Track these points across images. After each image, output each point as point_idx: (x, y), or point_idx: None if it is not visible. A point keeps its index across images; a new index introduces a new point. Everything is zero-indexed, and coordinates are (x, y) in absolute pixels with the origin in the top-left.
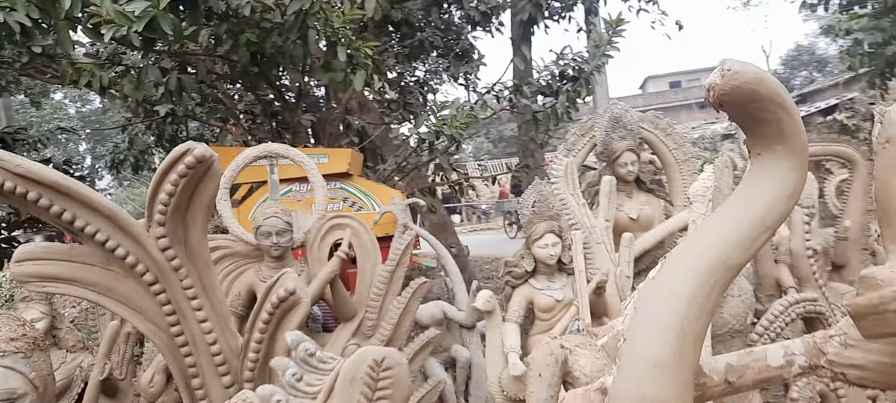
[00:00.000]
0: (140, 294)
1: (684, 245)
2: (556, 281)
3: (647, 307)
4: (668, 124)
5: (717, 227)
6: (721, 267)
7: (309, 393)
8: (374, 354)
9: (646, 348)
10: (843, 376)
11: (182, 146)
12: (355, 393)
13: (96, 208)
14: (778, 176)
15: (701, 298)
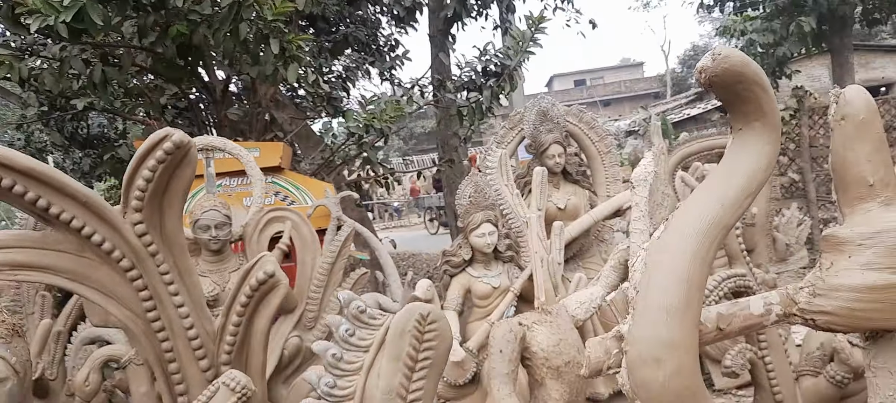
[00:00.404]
0: (116, 280)
1: (685, 209)
2: (493, 269)
3: (657, 262)
4: (592, 118)
5: (711, 193)
6: (716, 226)
7: (361, 347)
8: (420, 309)
9: (658, 296)
10: (812, 321)
11: (160, 131)
12: (405, 345)
13: (71, 194)
14: (757, 147)
15: (702, 253)
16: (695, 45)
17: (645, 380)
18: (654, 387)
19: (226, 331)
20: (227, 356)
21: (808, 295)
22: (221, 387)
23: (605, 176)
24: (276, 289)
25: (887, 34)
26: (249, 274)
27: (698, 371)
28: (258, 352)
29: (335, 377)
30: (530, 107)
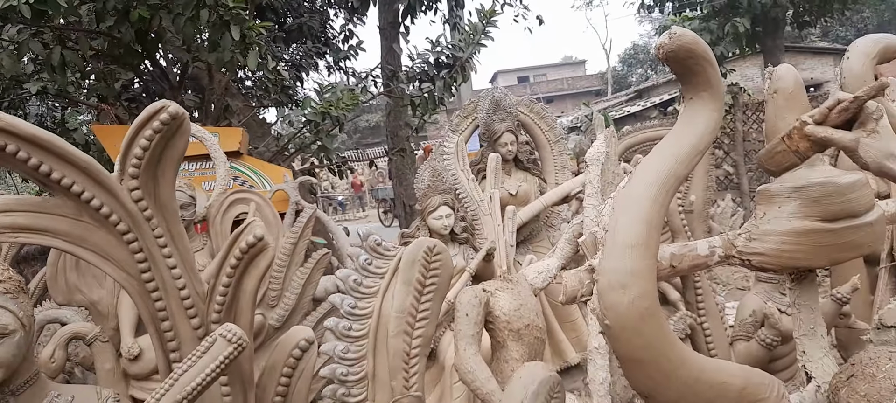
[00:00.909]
0: (112, 243)
1: (646, 163)
2: (451, 249)
3: (623, 207)
4: (542, 108)
5: (666, 150)
6: (671, 177)
7: (378, 274)
8: (427, 243)
9: (624, 235)
10: (748, 262)
11: (156, 104)
12: (415, 272)
13: (72, 161)
14: (705, 113)
15: (660, 199)
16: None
17: (613, 303)
18: (620, 308)
19: (215, 291)
20: (217, 314)
21: (744, 239)
22: (219, 339)
23: (554, 164)
24: (264, 252)
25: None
26: (239, 238)
27: (656, 297)
28: (246, 312)
29: (356, 299)
30: (484, 96)
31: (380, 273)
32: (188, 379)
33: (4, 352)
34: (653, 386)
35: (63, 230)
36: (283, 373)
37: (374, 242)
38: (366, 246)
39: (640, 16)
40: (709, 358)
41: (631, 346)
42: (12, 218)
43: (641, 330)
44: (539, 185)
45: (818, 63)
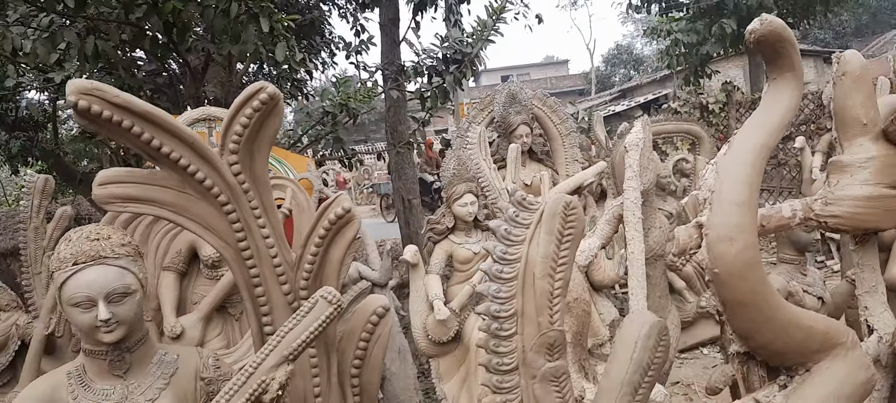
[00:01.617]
0: (212, 214)
1: (743, 134)
2: (473, 236)
3: (727, 171)
4: (555, 102)
5: (759, 124)
6: (765, 147)
7: (524, 224)
8: (565, 198)
9: (730, 194)
10: (825, 223)
11: (255, 85)
12: (555, 224)
13: (179, 136)
14: (788, 92)
15: (758, 164)
16: (618, 45)
17: (722, 253)
18: (729, 258)
19: (304, 260)
20: (305, 282)
21: (821, 204)
22: (320, 300)
23: (565, 156)
24: (351, 224)
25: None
26: (328, 209)
27: (758, 248)
28: (332, 280)
29: (506, 246)
30: (500, 89)
31: (525, 223)
32: (293, 337)
33: (127, 310)
34: (753, 328)
35: (168, 201)
36: (361, 338)
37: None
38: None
39: (623, 16)
40: (796, 307)
41: (737, 291)
42: (124, 189)
43: (747, 276)
44: (552, 176)
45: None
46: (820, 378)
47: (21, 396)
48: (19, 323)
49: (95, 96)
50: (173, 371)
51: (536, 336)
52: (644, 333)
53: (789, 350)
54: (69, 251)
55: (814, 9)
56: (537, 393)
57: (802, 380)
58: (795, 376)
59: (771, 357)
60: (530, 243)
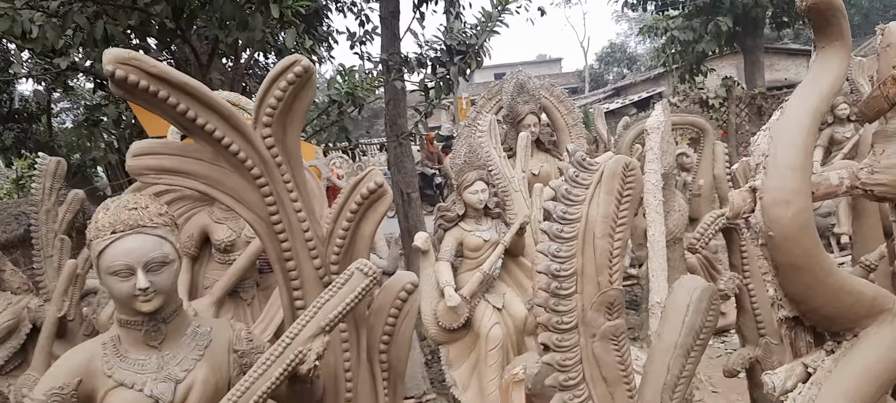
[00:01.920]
0: (245, 187)
1: (795, 101)
2: (483, 224)
3: (781, 136)
4: (562, 92)
5: (810, 91)
6: (817, 112)
7: (584, 185)
8: (625, 159)
9: (784, 158)
10: (871, 192)
11: (289, 58)
12: (615, 183)
13: (215, 108)
14: (837, 59)
15: (812, 129)
16: (612, 43)
17: (777, 216)
18: (784, 221)
19: (335, 235)
20: (336, 256)
21: (867, 173)
22: (356, 272)
23: None
24: (382, 198)
25: (789, 40)
26: (360, 184)
27: (812, 211)
28: (362, 254)
29: (566, 205)
30: (509, 79)
31: (585, 184)
32: (330, 308)
33: (165, 279)
34: (805, 291)
35: (202, 173)
36: (390, 313)
37: (580, 157)
38: (573, 161)
39: (617, 15)
40: (845, 272)
41: (791, 255)
42: (158, 161)
43: (801, 239)
44: (558, 167)
45: (792, 64)
46: (867, 344)
47: (57, 364)
48: (31, 306)
49: (133, 66)
50: (207, 342)
51: (596, 294)
52: (696, 297)
53: (838, 314)
54: (108, 219)
55: None
56: (597, 352)
57: (850, 345)
58: (843, 342)
59: (820, 322)
60: (590, 203)
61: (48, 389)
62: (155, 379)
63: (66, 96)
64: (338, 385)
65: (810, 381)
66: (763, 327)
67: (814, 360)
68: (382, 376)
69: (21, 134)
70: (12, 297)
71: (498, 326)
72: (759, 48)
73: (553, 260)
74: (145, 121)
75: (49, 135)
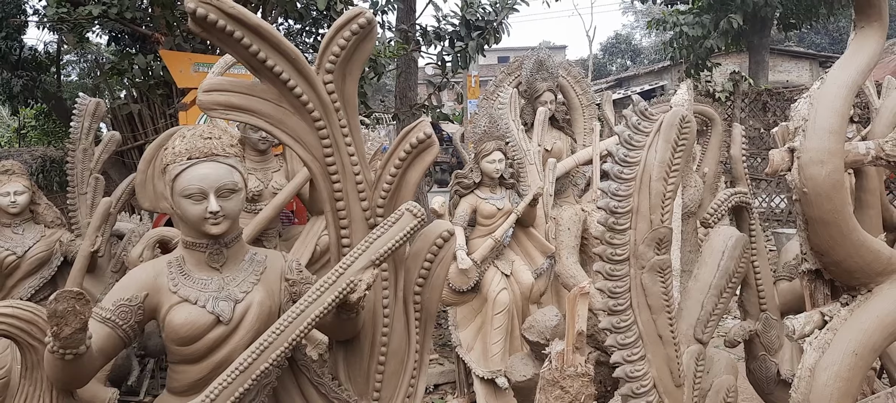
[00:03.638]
0: (304, 128)
1: (834, 73)
2: (498, 193)
3: (822, 102)
4: (579, 73)
5: (848, 64)
6: (854, 84)
7: (644, 132)
8: (681, 112)
9: (823, 122)
10: (894, 163)
11: (354, 9)
12: (672, 132)
13: (283, 51)
14: (874, 38)
15: (848, 98)
16: (617, 34)
17: (813, 174)
18: (819, 179)
19: (382, 180)
20: (382, 200)
21: (892, 145)
22: (406, 213)
23: (584, 126)
24: (429, 149)
25: (792, 43)
26: (410, 133)
27: (844, 172)
28: (407, 199)
29: (627, 150)
30: (529, 56)
31: (646, 131)
32: (381, 244)
33: (234, 205)
34: (831, 244)
35: (266, 112)
36: (426, 259)
37: (643, 107)
38: (636, 110)
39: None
40: (866, 233)
41: (822, 210)
42: (227, 97)
43: (833, 197)
44: (571, 145)
45: (795, 66)
46: (880, 298)
47: (126, 277)
48: (63, 239)
49: (212, 5)
50: (263, 269)
51: (648, 231)
52: (731, 244)
53: (858, 268)
54: (184, 146)
55: (818, 11)
56: (645, 282)
57: (865, 298)
58: (858, 295)
59: (840, 275)
60: (649, 149)
61: (117, 300)
62: (216, 298)
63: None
64: (376, 320)
65: (827, 327)
66: (765, 302)
67: (830, 310)
68: (415, 316)
69: (29, 82)
70: (46, 230)
71: (505, 291)
72: (765, 48)
73: (612, 198)
74: (175, 73)
75: (58, 85)
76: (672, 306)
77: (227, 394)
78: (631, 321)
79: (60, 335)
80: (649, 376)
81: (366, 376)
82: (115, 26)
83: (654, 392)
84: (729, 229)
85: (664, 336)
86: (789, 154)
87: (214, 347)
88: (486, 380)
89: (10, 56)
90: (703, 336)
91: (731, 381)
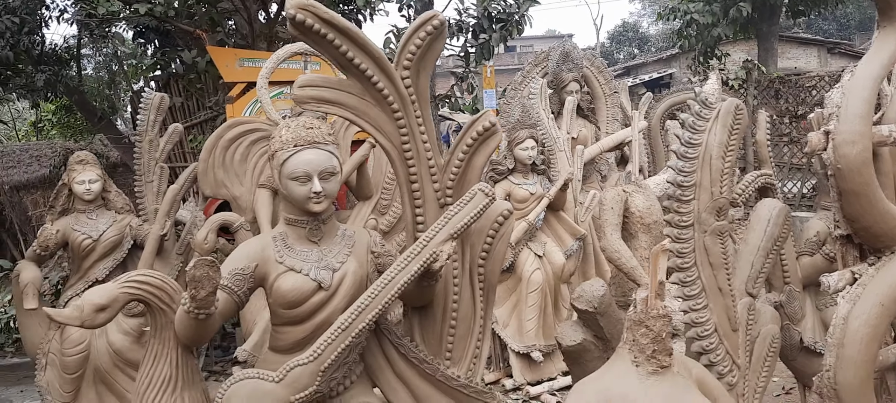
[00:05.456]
0: (384, 119)
1: (862, 67)
2: (530, 178)
3: (852, 92)
4: (602, 63)
5: (874, 59)
6: (878, 77)
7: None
8: (736, 103)
9: (854, 109)
10: None
11: (428, 12)
12: (729, 119)
13: (368, 51)
14: (895, 37)
15: (874, 88)
16: (625, 22)
17: (845, 153)
18: (851, 157)
19: (451, 163)
20: (451, 182)
21: None
22: (478, 192)
23: (607, 114)
24: (493, 136)
25: (800, 29)
26: (476, 122)
27: (870, 150)
28: (473, 182)
29: (690, 133)
30: (555, 48)
31: (706, 117)
32: (458, 220)
33: (332, 187)
34: (860, 212)
35: (352, 104)
36: (488, 234)
37: (704, 97)
38: (698, 100)
39: None
40: (890, 202)
41: (853, 183)
42: (319, 92)
43: (862, 171)
44: (595, 132)
45: (803, 53)
46: None
47: (238, 250)
48: (133, 224)
49: (309, 11)
50: (353, 243)
51: (709, 201)
52: (775, 213)
53: (883, 233)
54: (290, 135)
55: None
56: (707, 243)
57: (889, 259)
58: (883, 256)
59: (868, 239)
60: (709, 133)
61: (232, 270)
62: (317, 267)
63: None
64: (447, 288)
65: (857, 283)
66: (788, 276)
67: (859, 269)
68: (479, 286)
69: (52, 77)
70: (116, 216)
71: (538, 271)
72: (774, 35)
73: (679, 174)
74: (222, 68)
75: (79, 80)
76: (730, 264)
77: (331, 349)
78: (695, 276)
79: (197, 297)
80: (711, 322)
81: (439, 338)
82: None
83: (715, 335)
84: (773, 201)
85: (723, 288)
86: (825, 136)
87: (316, 310)
88: (521, 354)
89: (33, 51)
90: (753, 290)
91: (775, 330)
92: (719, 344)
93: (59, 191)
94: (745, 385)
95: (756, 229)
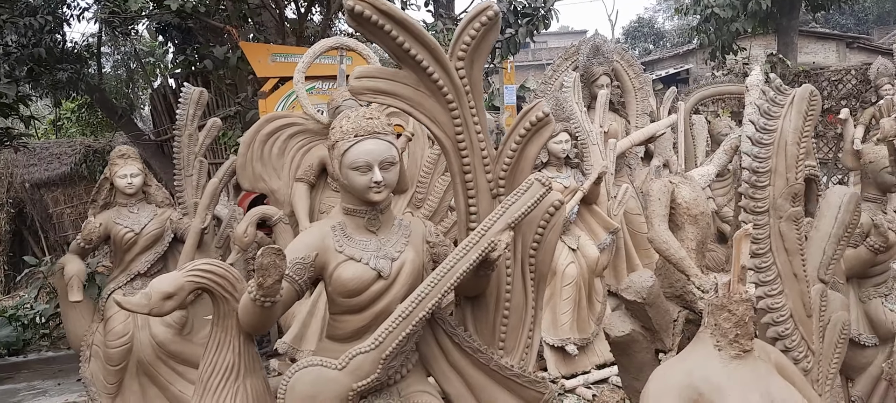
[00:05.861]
0: (439, 109)
1: None
2: (564, 172)
3: None
4: (632, 57)
5: None
6: None
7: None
8: (810, 88)
9: None
10: None
11: (482, 3)
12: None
13: (424, 42)
14: None
15: None
16: (640, 18)
17: None
18: None
19: (503, 154)
20: (504, 172)
21: None
22: (535, 182)
23: (637, 108)
24: (546, 127)
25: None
26: (529, 112)
27: None
28: (526, 173)
29: (766, 120)
30: (586, 42)
31: (781, 104)
32: (516, 209)
33: (392, 177)
34: None
35: (406, 95)
36: (540, 225)
37: (778, 84)
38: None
39: None
40: None
41: None
42: (375, 83)
43: None
44: (625, 125)
45: (821, 48)
46: None
47: (298, 239)
48: (173, 218)
49: (368, 3)
50: (409, 233)
51: (785, 187)
52: (846, 200)
53: None
54: (351, 126)
55: None
56: (782, 229)
57: None
58: None
59: None
60: (784, 118)
61: (293, 259)
62: (376, 256)
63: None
64: (500, 279)
65: None
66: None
67: None
68: (530, 275)
69: (73, 75)
70: (157, 209)
71: (573, 265)
72: (793, 29)
73: (754, 160)
74: (254, 63)
75: (100, 78)
76: (804, 249)
77: (392, 337)
78: (771, 262)
79: (264, 285)
80: (787, 308)
81: (492, 328)
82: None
83: (790, 320)
84: (843, 187)
85: (798, 274)
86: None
87: (375, 299)
88: (556, 348)
89: (54, 49)
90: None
91: (846, 317)
92: (795, 330)
93: (100, 185)
94: (819, 371)
95: (827, 216)
